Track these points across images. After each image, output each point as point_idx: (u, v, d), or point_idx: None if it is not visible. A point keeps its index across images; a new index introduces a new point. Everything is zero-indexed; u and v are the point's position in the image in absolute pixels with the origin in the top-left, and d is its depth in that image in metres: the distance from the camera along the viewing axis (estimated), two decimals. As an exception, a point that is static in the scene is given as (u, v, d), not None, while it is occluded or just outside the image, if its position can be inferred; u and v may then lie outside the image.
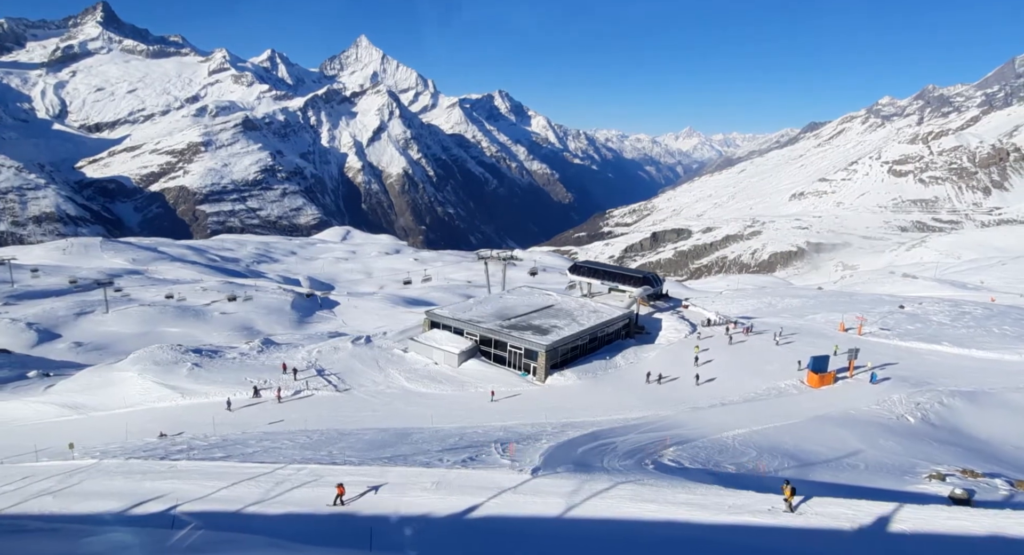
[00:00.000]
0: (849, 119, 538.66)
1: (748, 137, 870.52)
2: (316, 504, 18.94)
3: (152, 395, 38.39)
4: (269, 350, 46.26)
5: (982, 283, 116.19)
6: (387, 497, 18.65)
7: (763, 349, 45.70)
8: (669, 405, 36.58)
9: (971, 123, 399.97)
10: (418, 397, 38.13)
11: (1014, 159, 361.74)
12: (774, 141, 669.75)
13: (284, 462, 23.78)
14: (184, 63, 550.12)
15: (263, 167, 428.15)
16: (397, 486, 19.37)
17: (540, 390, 39.59)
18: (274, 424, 33.42)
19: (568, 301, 50.03)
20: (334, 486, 19.30)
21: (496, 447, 27.03)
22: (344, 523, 17.75)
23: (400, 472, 20.61)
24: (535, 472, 19.35)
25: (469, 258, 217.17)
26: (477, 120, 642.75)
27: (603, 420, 33.66)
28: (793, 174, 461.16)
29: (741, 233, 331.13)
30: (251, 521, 18.37)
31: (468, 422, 33.55)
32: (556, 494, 17.21)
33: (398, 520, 17.13)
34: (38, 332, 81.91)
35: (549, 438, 28.75)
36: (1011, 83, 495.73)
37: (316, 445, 28.57)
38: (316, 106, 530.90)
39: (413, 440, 29.52)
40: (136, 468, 24.30)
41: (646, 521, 15.16)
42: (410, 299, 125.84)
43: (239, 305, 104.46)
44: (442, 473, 19.94)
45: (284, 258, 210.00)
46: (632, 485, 17.25)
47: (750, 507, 15.44)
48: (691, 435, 30.52)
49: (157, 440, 30.92)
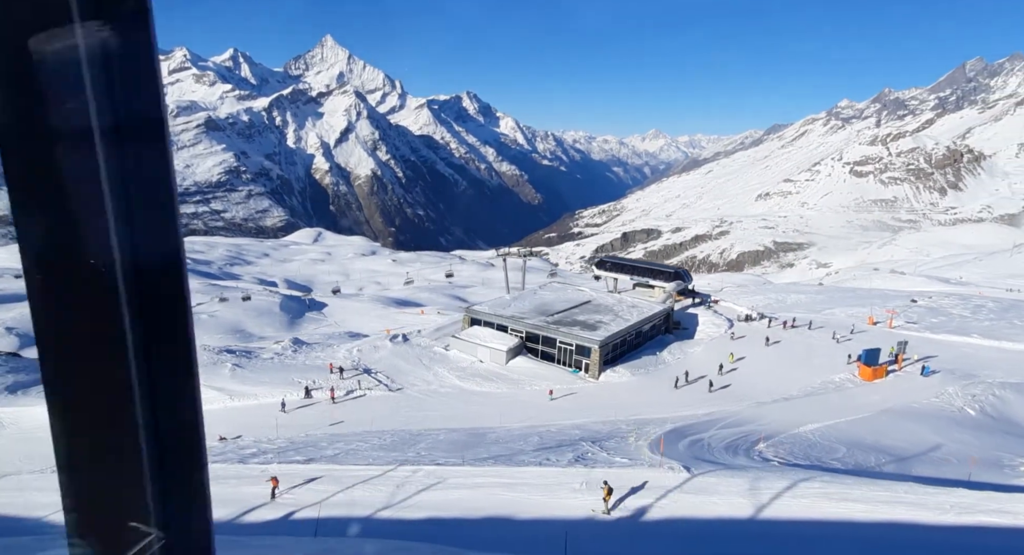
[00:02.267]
0: (811, 121, 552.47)
1: (713, 138, 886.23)
2: (458, 507, 17.56)
3: None
4: (303, 349, 44.16)
5: (960, 278, 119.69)
6: (539, 498, 17.34)
7: (805, 343, 45.60)
8: (731, 400, 35.96)
9: (926, 125, 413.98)
10: (473, 396, 36.74)
11: (967, 160, 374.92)
12: (738, 142, 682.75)
13: (383, 464, 22.22)
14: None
15: (227, 168, 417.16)
16: (541, 487, 18.08)
17: (594, 387, 38.56)
18: (335, 425, 31.70)
19: (604, 297, 49.15)
20: (464, 489, 18.03)
21: (589, 445, 25.94)
22: (501, 526, 16.44)
23: (537, 472, 19.32)
24: (688, 470, 18.27)
25: (448, 258, 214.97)
26: (446, 121, 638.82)
27: (673, 416, 32.74)
28: (759, 175, 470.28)
29: (710, 233, 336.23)
30: (393, 526, 16.90)
31: (536, 421, 32.32)
32: (734, 493, 16.17)
33: (568, 522, 15.86)
34: (19, 337, 77.66)
35: (636, 435, 27.76)
36: (962, 87, 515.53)
37: (395, 446, 27.00)
38: (281, 106, 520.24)
39: (493, 440, 28.18)
40: (223, 473, 22.42)
41: (860, 522, 14.17)
42: (399, 300, 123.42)
43: (228, 307, 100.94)
44: (586, 473, 18.71)
45: (257, 260, 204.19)
46: (818, 483, 16.31)
47: (977, 507, 14.57)
48: (770, 430, 29.85)
49: (220, 444, 28.97)
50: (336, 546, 14.18)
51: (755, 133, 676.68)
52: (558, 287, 53.16)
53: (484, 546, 15.12)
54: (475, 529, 16.57)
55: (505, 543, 15.63)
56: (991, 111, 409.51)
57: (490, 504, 17.56)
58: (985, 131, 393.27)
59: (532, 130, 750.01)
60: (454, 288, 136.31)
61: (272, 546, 14.43)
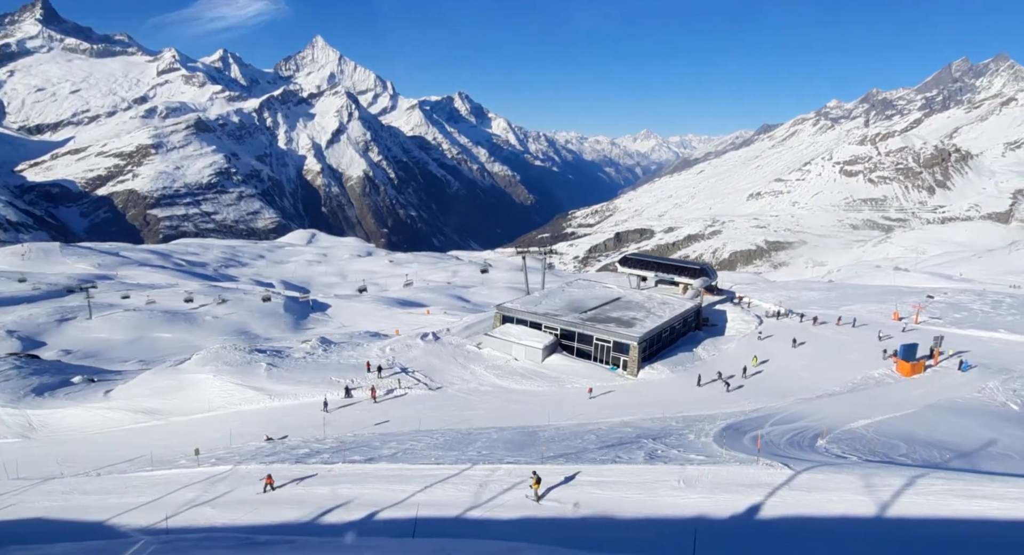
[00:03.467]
0: (800, 121, 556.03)
1: (703, 139, 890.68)
2: (550, 507, 16.97)
3: (235, 397, 35.33)
4: (332, 349, 43.30)
5: (960, 275, 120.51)
6: (638, 497, 16.76)
7: (836, 339, 45.35)
8: (776, 396, 35.56)
9: (914, 125, 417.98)
10: (514, 394, 36.17)
11: (955, 159, 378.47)
12: (729, 142, 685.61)
13: (452, 463, 21.56)
14: (131, 63, 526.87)
15: (218, 170, 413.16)
16: (637, 486, 17.51)
17: (634, 385, 38.07)
18: (381, 425, 30.97)
19: (634, 293, 48.68)
20: (553, 489, 17.39)
21: (653, 442, 25.41)
22: (607, 526, 15.82)
23: (623, 470, 18.76)
24: (789, 466, 17.76)
25: (445, 259, 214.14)
26: (437, 122, 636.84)
27: (721, 413, 32.25)
28: (750, 175, 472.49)
29: (702, 232, 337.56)
30: (489, 527, 16.28)
31: (583, 419, 31.77)
32: (847, 490, 15.64)
33: (678, 521, 15.29)
34: (20, 340, 76.28)
35: (696, 432, 27.27)
36: (948, 87, 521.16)
37: (449, 445, 26.37)
38: (272, 107, 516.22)
39: (548, 438, 27.59)
40: (284, 473, 21.70)
41: (996, 521, 13.65)
42: (402, 300, 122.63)
43: (230, 308, 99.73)
44: (679, 470, 18.16)
45: (253, 262, 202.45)
46: (938, 479, 15.84)
47: None
48: (825, 426, 29.44)
49: (268, 444, 28.21)
50: (450, 547, 13.52)
51: (745, 133, 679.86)
52: (586, 284, 52.64)
53: (597, 546, 14.53)
54: (578, 529, 15.97)
55: (620, 543, 15.03)
56: (977, 111, 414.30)
57: (586, 503, 16.98)
58: (972, 130, 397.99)
59: (524, 131, 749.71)
60: (455, 288, 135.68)
61: (375, 546, 13.79)
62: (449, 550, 13.25)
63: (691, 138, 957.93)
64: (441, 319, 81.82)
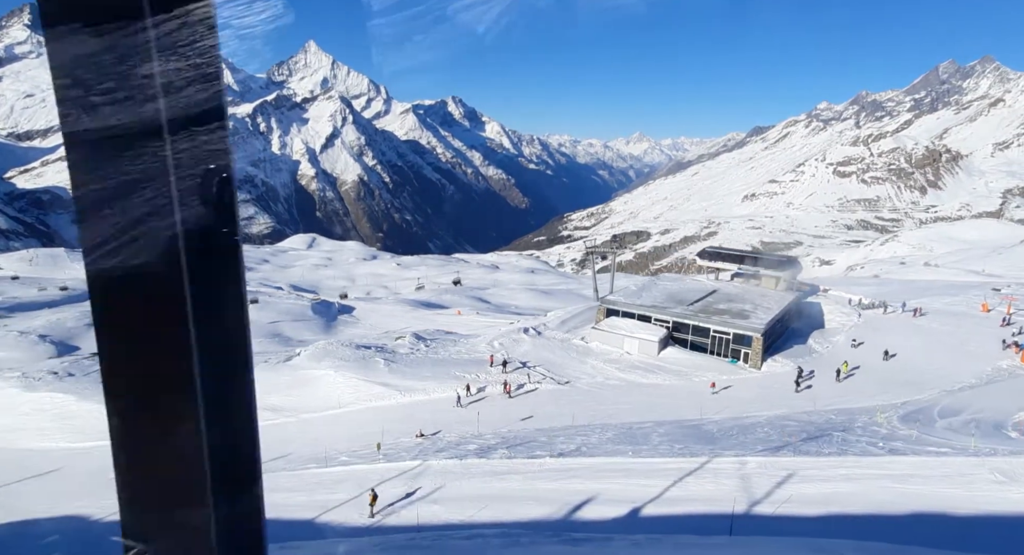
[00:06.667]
0: (792, 123, 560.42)
1: (696, 141, 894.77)
2: (842, 501, 15.49)
3: (362, 393, 33.61)
4: (432, 344, 41.60)
5: (984, 271, 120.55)
6: (949, 491, 15.31)
7: (943, 331, 44.27)
8: (914, 390, 34.32)
9: (904, 127, 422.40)
10: (643, 388, 34.88)
11: (946, 160, 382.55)
12: (721, 145, 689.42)
13: (677, 456, 20.05)
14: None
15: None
16: (943, 479, 16.08)
17: (757, 378, 36.69)
18: (527, 420, 29.38)
19: (728, 286, 47.56)
20: (830, 483, 15.88)
21: (842, 432, 24.03)
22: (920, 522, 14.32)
23: (914, 462, 17.52)
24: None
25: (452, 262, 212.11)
26: (431, 126, 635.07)
27: (875, 405, 30.86)
28: (744, 176, 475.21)
29: (698, 234, 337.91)
30: (787, 523, 14.73)
31: (730, 413, 30.34)
32: None
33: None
34: (54, 344, 73.76)
35: (876, 424, 25.89)
36: (936, 89, 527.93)
37: (621, 439, 24.89)
38: (265, 112, 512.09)
39: (718, 432, 26.20)
40: (480, 469, 20.25)
41: None
42: (425, 302, 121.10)
43: (260, 309, 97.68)
44: (995, 462, 16.74)
45: (258, 266, 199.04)
46: None
47: None
48: (999, 416, 28.14)
49: (422, 440, 26.59)
50: (831, 547, 11.90)
51: (737, 135, 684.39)
52: (673, 277, 51.28)
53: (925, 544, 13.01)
54: (885, 527, 14.42)
55: (951, 542, 13.48)
56: (966, 112, 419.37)
57: (885, 499, 15.52)
58: (961, 131, 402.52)
59: (518, 134, 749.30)
60: (472, 290, 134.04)
61: (691, 544, 12.26)
62: (831, 550, 11.66)
63: (683, 141, 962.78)
64: (476, 319, 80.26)
